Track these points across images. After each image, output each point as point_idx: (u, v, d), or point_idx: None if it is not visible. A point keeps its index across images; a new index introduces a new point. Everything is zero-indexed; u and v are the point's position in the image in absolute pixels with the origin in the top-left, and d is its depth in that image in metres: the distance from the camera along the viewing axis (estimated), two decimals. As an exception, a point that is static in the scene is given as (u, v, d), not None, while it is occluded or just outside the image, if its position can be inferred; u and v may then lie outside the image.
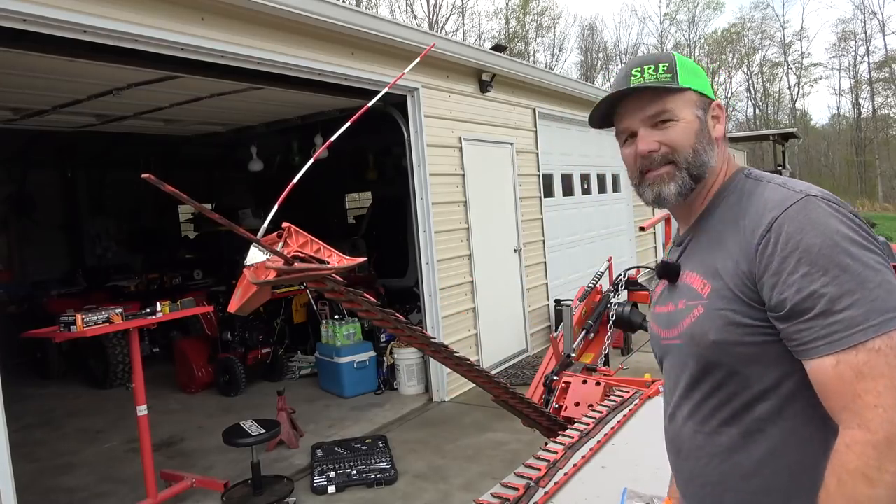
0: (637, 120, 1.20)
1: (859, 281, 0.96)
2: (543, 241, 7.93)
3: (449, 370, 4.09)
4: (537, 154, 7.87)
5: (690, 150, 1.17)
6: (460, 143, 6.36)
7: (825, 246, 0.98)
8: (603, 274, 4.98)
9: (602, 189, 10.11)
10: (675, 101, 1.18)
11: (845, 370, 0.95)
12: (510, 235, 7.27)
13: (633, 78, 1.19)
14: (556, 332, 4.99)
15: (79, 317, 3.51)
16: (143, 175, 1.19)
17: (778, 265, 1.01)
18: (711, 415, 1.14)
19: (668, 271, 1.24)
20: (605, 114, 1.26)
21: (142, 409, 3.82)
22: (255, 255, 1.44)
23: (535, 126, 7.83)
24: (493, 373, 2.40)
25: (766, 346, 1.06)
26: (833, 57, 47.53)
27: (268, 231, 1.46)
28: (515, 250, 7.32)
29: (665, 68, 1.18)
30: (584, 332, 4.27)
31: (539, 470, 1.96)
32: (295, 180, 1.53)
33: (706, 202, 1.21)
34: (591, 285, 4.65)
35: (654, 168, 1.19)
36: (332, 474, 4.25)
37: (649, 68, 1.18)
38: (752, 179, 1.17)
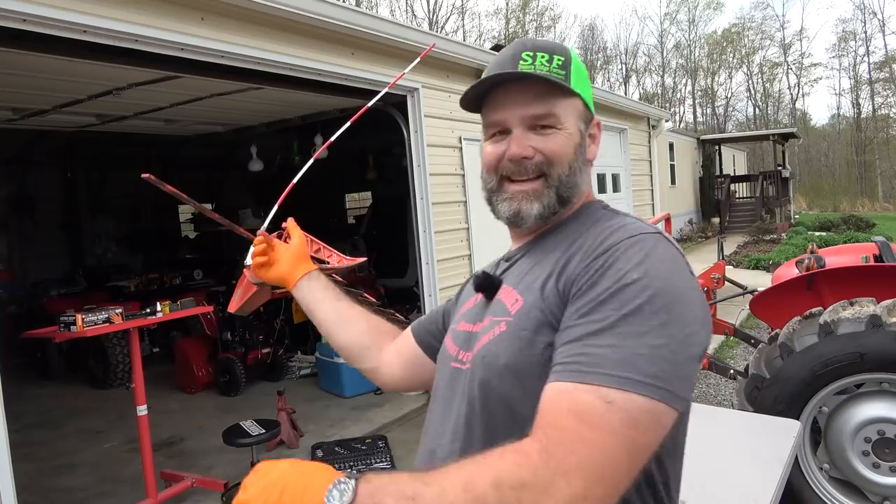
0: (515, 116, 0.99)
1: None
2: (543, 241, 7.92)
3: (449, 370, 4.08)
4: (537, 154, 7.86)
5: (567, 166, 0.98)
6: (460, 143, 6.36)
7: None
8: (603, 274, 4.98)
9: (602, 189, 10.10)
10: (564, 105, 0.99)
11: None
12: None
13: (522, 62, 0.98)
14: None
15: (79, 317, 3.50)
16: (143, 175, 1.19)
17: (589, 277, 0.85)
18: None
19: (487, 285, 1.03)
20: (479, 95, 1.05)
21: (142, 409, 3.81)
22: (255, 255, 1.43)
23: (536, 126, 7.82)
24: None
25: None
26: (833, 57, 47.67)
27: (268, 231, 1.46)
28: (515, 250, 7.31)
29: (560, 62, 0.98)
30: (584, 332, 4.27)
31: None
32: (295, 180, 1.53)
33: (551, 224, 1.02)
34: (592, 285, 4.65)
35: (520, 178, 1.00)
36: (332, 474, 4.25)
37: (543, 57, 0.98)
38: (608, 211, 1.01)
